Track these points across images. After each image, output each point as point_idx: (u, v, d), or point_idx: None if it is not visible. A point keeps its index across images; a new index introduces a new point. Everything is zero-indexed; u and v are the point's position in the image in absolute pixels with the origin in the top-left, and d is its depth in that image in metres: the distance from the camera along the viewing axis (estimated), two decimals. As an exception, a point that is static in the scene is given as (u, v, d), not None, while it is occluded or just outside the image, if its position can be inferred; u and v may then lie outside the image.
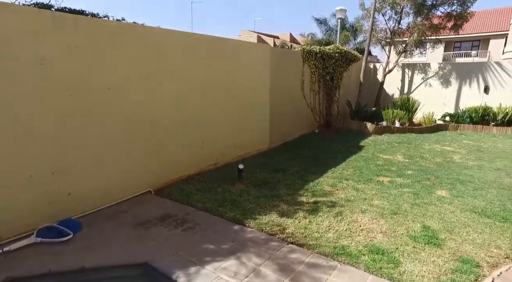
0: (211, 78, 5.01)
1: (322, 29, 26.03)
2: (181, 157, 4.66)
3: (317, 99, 8.67)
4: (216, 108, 5.19)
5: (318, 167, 5.45)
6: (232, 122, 5.58)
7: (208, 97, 5.00)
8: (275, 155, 6.25)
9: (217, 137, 5.28)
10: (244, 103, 5.80)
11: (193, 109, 4.77)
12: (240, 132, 5.80)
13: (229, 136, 5.55)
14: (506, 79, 9.55)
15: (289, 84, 7.33)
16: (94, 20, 3.56)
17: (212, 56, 4.99)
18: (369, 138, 7.85)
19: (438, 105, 10.34)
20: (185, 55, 4.52)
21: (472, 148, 7.05)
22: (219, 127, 5.31)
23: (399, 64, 10.93)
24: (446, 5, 9.81)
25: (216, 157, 5.33)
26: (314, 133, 8.28)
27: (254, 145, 6.24)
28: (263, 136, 6.52)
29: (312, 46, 8.29)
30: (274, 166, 5.50)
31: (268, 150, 6.63)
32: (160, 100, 4.22)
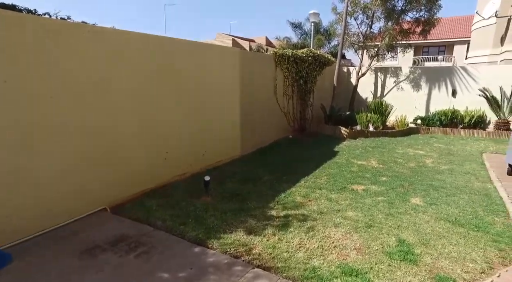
0: (175, 83, 4.66)
1: (297, 33, 26.17)
2: (142, 168, 4.26)
3: (291, 103, 8.49)
4: (181, 115, 4.83)
5: (291, 175, 5.21)
6: (199, 129, 5.24)
7: (171, 103, 4.64)
8: (247, 163, 5.97)
9: (183, 146, 4.93)
10: (212, 110, 5.48)
11: (154, 117, 4.39)
12: (208, 140, 5.47)
13: (196, 145, 5.21)
14: (471, 83, 9.81)
15: (261, 89, 7.09)
16: (23, 16, 3.10)
17: (175, 59, 4.65)
18: (343, 143, 7.74)
19: (410, 109, 10.48)
20: (143, 58, 4.15)
21: (443, 151, 7.09)
22: (185, 135, 4.96)
23: (371, 68, 11.01)
24: (414, 11, 9.97)
25: (182, 168, 4.97)
26: (288, 139, 8.08)
27: (225, 153, 5.93)
28: (234, 144, 6.22)
29: (285, 49, 8.10)
30: (245, 175, 5.22)
31: (241, 157, 6.34)
32: (114, 107, 3.82)
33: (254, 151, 6.84)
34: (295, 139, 8.14)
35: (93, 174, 3.64)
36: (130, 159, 4.09)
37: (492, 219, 3.71)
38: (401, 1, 9.93)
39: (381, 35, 10.40)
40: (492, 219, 3.72)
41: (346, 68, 11.71)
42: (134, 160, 4.16)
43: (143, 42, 4.13)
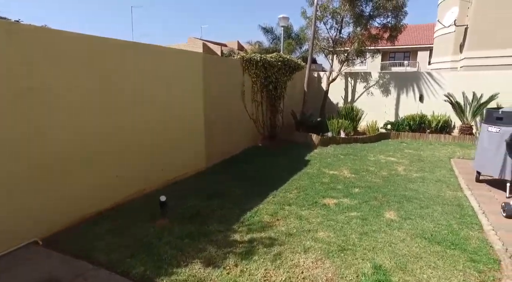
0: (123, 90, 4.15)
1: (269, 37, 26.00)
2: (86, 189, 3.70)
3: (260, 110, 8.14)
4: (133, 126, 4.31)
5: (259, 189, 4.83)
6: (158, 141, 4.73)
7: (121, 114, 4.12)
8: (213, 176, 5.53)
9: (137, 160, 4.40)
10: (171, 119, 4.99)
11: (99, 128, 3.85)
12: (169, 152, 4.97)
13: (154, 158, 4.69)
14: (437, 88, 9.98)
15: (228, 96, 6.68)
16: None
17: (124, 64, 4.13)
18: (314, 151, 7.48)
19: (380, 113, 10.49)
20: (81, 63, 3.61)
21: (413, 158, 7.02)
22: (140, 148, 4.43)
23: (342, 73, 10.95)
24: (382, 17, 10.02)
25: (139, 185, 4.44)
26: (258, 148, 7.72)
27: (188, 165, 5.44)
28: (198, 155, 5.75)
29: (253, 54, 7.76)
30: (210, 190, 4.78)
31: (206, 169, 5.88)
32: (42, 119, 3.26)
33: (221, 161, 6.40)
34: (265, 147, 7.79)
35: (24, 200, 3.05)
36: (73, 178, 3.52)
37: (467, 234, 3.52)
38: (369, 7, 9.96)
39: (351, 40, 10.37)
40: (467, 233, 3.53)
41: (317, 73, 11.59)
42: (78, 179, 3.59)
43: (80, 44, 3.59)
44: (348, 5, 9.53)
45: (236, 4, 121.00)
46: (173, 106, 5.00)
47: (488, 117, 4.82)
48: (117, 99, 4.05)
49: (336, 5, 10.02)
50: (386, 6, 9.45)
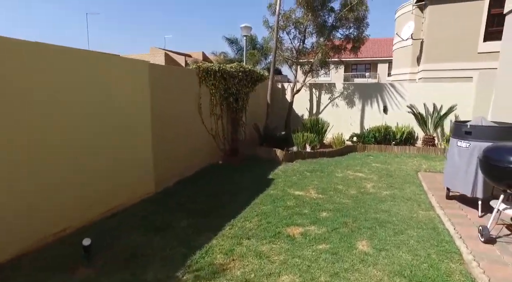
0: (52, 103, 3.34)
1: (234, 48, 25.70)
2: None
3: (220, 124, 7.51)
4: (58, 146, 3.49)
5: (214, 218, 4.17)
6: (91, 164, 3.92)
7: (41, 130, 3.29)
8: (161, 202, 4.77)
9: (60, 188, 3.56)
10: (108, 136, 4.20)
11: (10, 147, 3.01)
12: (106, 176, 4.16)
13: (84, 185, 3.87)
14: (400, 100, 9.98)
15: (182, 109, 5.99)
16: None
17: (49, 73, 3.34)
18: (279, 168, 6.95)
19: (345, 125, 10.29)
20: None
21: (381, 172, 6.71)
22: (65, 173, 3.60)
23: (306, 84, 10.66)
24: (344, 28, 9.91)
25: (57, 223, 3.58)
26: (218, 166, 7.05)
27: (131, 191, 4.64)
28: (145, 178, 4.97)
29: (211, 64, 7.17)
30: (155, 222, 4.03)
31: (155, 194, 5.10)
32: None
33: (174, 183, 5.65)
34: (225, 165, 7.14)
35: None
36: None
37: (448, 267, 3.08)
38: (331, 17, 9.81)
39: (314, 51, 10.13)
40: (448, 266, 3.10)
41: (281, 84, 11.23)
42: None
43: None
44: (311, 15, 9.30)
45: (203, 15, 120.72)
46: (112, 123, 4.22)
47: (456, 131, 4.56)
48: (60, 116, 3.23)
49: (299, 15, 9.77)
50: (348, 17, 9.34)
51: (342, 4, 9.59)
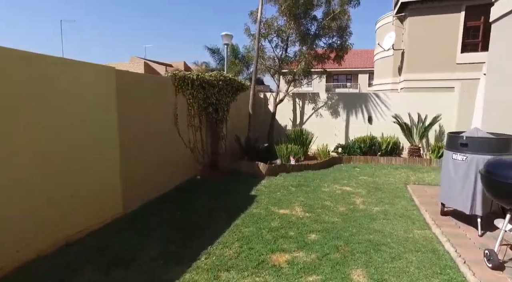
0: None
1: (216, 58, 25.34)
2: None
3: (199, 136, 7.01)
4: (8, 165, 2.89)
5: (189, 245, 3.64)
6: (44, 185, 3.32)
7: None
8: (130, 226, 4.19)
9: (7, 215, 2.94)
10: (65, 151, 3.62)
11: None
12: (63, 199, 3.56)
13: (32, 211, 3.25)
14: (384, 109, 9.82)
15: (156, 120, 5.47)
16: None
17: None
18: (262, 183, 6.49)
19: (330, 136, 10.00)
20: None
21: (370, 186, 6.37)
22: (12, 199, 2.99)
23: (289, 94, 10.35)
24: (327, 37, 9.72)
25: (5, 256, 2.95)
26: (196, 181, 6.51)
27: (94, 215, 4.04)
28: (111, 198, 4.38)
29: (188, 72, 6.71)
30: (119, 251, 3.47)
31: (123, 216, 4.51)
32: None
33: (146, 203, 5.07)
34: (204, 180, 6.60)
35: None
36: None
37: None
38: (314, 26, 9.61)
39: (297, 60, 9.87)
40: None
41: (263, 94, 10.88)
42: None
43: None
44: (293, 23, 9.05)
45: (184, 24, 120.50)
46: (68, 136, 3.65)
47: (451, 144, 4.27)
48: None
49: (281, 23, 9.52)
50: (331, 26, 9.16)
51: (325, 13, 9.43)
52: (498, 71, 5.27)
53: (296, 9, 8.89)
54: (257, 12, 8.47)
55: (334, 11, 9.18)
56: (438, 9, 12.48)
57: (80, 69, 3.82)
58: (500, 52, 5.26)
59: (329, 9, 9.33)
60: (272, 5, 9.63)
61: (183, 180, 6.36)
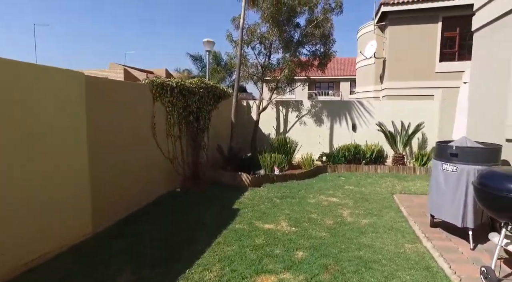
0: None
1: (198, 65, 25.00)
2: None
3: (179, 146, 6.66)
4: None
5: (165, 268, 3.29)
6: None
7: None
8: (99, 248, 3.79)
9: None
10: (17, 162, 3.22)
11: None
12: (13, 221, 3.15)
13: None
14: (368, 117, 9.79)
15: (131, 129, 5.10)
16: None
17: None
18: (245, 195, 6.19)
19: (314, 144, 9.86)
20: None
21: (356, 196, 6.20)
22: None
23: (272, 102, 10.17)
24: (310, 44, 9.64)
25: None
26: (175, 195, 6.14)
27: (59, 236, 3.63)
28: (79, 217, 3.96)
29: (167, 78, 6.39)
30: (83, 279, 3.06)
31: (93, 236, 4.10)
32: None
33: (120, 220, 4.67)
34: (184, 193, 6.24)
35: None
36: None
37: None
38: (297, 33, 9.52)
39: (281, 68, 9.72)
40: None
41: (246, 102, 10.65)
42: None
43: None
44: (276, 30, 8.92)
45: (167, 31, 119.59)
46: (19, 146, 3.25)
47: (440, 153, 4.14)
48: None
49: (264, 30, 9.37)
50: (314, 33, 9.09)
51: (308, 21, 9.36)
52: (481, 80, 5.26)
53: (279, 15, 8.77)
54: (240, 18, 8.28)
55: (317, 18, 9.13)
56: (417, 19, 12.73)
57: (40, 74, 3.44)
58: (481, 61, 5.26)
59: (312, 16, 9.27)
60: (255, 11, 9.51)
61: (162, 193, 5.98)
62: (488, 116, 4.83)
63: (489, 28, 5.04)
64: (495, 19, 4.69)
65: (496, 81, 4.63)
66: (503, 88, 4.36)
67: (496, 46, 4.72)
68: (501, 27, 4.58)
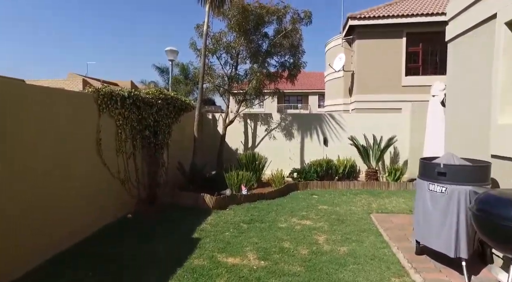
0: None
1: (165, 77, 24.03)
2: None
3: (132, 164, 5.80)
4: None
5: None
6: None
7: None
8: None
9: None
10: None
11: None
12: None
13: None
14: (340, 131, 9.46)
15: (68, 145, 4.21)
16: None
17: None
18: (208, 220, 5.42)
19: (284, 160, 9.32)
20: None
21: (331, 217, 5.65)
22: None
23: (240, 114, 9.57)
24: (279, 55, 9.23)
25: None
26: (125, 222, 5.23)
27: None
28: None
29: (117, 87, 5.59)
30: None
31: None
32: None
33: (47, 260, 3.72)
34: (137, 219, 5.35)
35: None
36: None
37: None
38: (265, 43, 9.09)
39: (248, 79, 9.19)
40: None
41: (211, 115, 9.96)
42: None
43: None
44: (243, 39, 8.42)
45: (134, 42, 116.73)
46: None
47: (425, 172, 3.69)
48: None
49: (231, 39, 8.84)
50: (283, 44, 8.69)
51: (276, 31, 8.98)
52: (457, 90, 5.00)
53: (246, 24, 8.30)
54: (204, 25, 7.67)
55: (285, 28, 8.76)
56: (383, 34, 12.89)
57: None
58: (456, 71, 5.02)
59: (281, 26, 8.91)
60: (221, 20, 8.98)
61: (109, 221, 5.05)
62: (469, 130, 4.51)
63: (461, 39, 4.81)
64: (474, 26, 4.43)
65: (476, 92, 4.33)
66: (485, 99, 4.04)
67: (475, 55, 4.46)
68: (480, 34, 4.32)
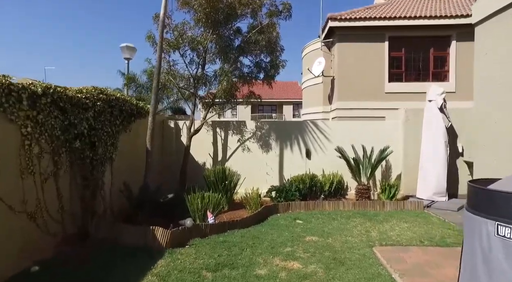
0: None
1: (132, 85, 22.14)
2: None
3: (53, 188, 4.17)
4: None
5: None
6: None
7: None
8: None
9: None
10: None
11: None
12: None
13: None
14: (324, 141, 8.24)
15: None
16: None
17: None
18: (157, 267, 3.87)
19: (261, 176, 7.95)
20: None
21: (324, 255, 4.30)
22: None
23: (208, 122, 8.11)
24: (254, 54, 7.91)
25: None
26: (29, 277, 3.55)
27: None
28: None
29: (29, 82, 4.00)
30: None
31: None
32: None
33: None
34: (50, 271, 3.68)
35: None
36: None
37: None
38: (238, 40, 7.78)
39: (218, 80, 7.80)
40: None
41: (174, 122, 8.40)
42: None
43: None
44: (212, 32, 7.06)
45: (102, 47, 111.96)
46: None
47: (490, 205, 2.38)
48: None
49: (198, 33, 7.46)
50: (259, 40, 7.40)
51: (251, 26, 7.71)
52: (495, 86, 3.90)
53: (215, 14, 6.95)
54: (161, 8, 6.20)
55: (261, 23, 7.52)
56: (364, 37, 12.07)
57: None
58: (488, 59, 3.93)
59: (256, 21, 7.65)
60: (186, 12, 7.57)
61: (13, 273, 3.38)
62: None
63: (493, 20, 3.74)
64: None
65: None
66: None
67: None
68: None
